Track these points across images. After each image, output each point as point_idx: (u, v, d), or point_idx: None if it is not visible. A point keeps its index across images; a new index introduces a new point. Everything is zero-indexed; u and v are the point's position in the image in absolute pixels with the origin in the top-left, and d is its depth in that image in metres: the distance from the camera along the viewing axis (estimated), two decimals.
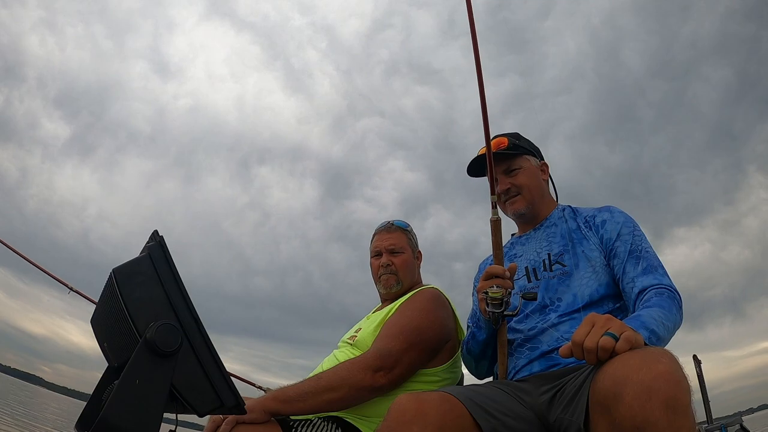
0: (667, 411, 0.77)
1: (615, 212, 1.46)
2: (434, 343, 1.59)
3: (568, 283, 1.38)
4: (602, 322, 0.93)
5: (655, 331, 1.07)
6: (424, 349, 1.56)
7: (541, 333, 1.34)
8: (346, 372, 1.46)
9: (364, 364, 1.47)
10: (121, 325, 0.89)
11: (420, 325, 1.58)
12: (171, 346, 0.85)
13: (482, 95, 1.25)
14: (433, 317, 1.62)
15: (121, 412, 0.81)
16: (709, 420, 6.72)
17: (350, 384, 1.44)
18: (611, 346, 0.89)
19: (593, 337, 0.91)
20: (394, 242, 1.84)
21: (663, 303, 1.20)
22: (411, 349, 1.52)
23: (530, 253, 1.51)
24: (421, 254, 1.94)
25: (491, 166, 1.30)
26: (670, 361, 0.83)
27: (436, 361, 1.62)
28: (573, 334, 0.95)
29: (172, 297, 0.91)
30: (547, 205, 1.59)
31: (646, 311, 1.15)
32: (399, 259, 1.81)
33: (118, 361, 0.95)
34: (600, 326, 0.93)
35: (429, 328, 1.59)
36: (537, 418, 1.12)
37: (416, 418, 0.99)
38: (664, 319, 1.13)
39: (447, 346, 1.64)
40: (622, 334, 0.90)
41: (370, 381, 1.45)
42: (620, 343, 0.89)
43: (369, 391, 1.47)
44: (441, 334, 1.62)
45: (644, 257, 1.35)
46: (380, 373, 1.46)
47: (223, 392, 0.92)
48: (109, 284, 0.94)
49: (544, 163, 1.63)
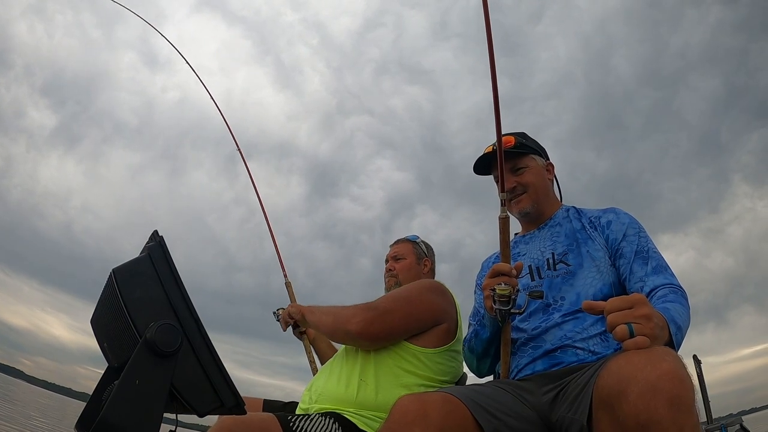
0: (672, 409, 0.77)
1: (620, 213, 1.47)
2: (422, 315, 1.66)
3: (571, 282, 1.38)
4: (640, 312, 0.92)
5: (681, 327, 1.08)
6: (410, 316, 1.63)
7: (544, 332, 1.34)
8: (343, 308, 1.64)
9: (354, 308, 1.62)
10: (121, 325, 0.89)
11: (410, 296, 1.69)
12: (171, 346, 0.85)
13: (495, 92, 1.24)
14: (426, 296, 1.70)
15: (121, 412, 0.80)
16: (709, 420, 6.73)
17: (336, 317, 1.64)
18: (622, 338, 0.90)
19: (619, 318, 0.91)
20: (398, 251, 2.09)
21: (681, 301, 1.21)
22: (396, 311, 1.62)
23: (534, 252, 1.51)
24: (430, 262, 2.10)
25: (501, 163, 1.30)
26: (674, 359, 0.83)
27: (427, 341, 1.64)
28: (610, 301, 0.95)
29: (172, 297, 0.91)
30: (551, 205, 1.59)
31: (672, 305, 1.14)
32: (400, 264, 2.04)
33: (118, 361, 0.95)
34: (634, 315, 0.92)
35: (419, 301, 1.67)
36: (539, 418, 1.11)
37: (418, 419, 0.98)
38: (685, 317, 1.14)
39: (439, 330, 1.67)
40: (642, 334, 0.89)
41: (346, 322, 1.58)
42: (628, 342, 0.89)
43: (343, 332, 1.61)
44: (431, 312, 1.67)
45: (652, 257, 1.36)
46: (357, 319, 1.57)
47: (223, 392, 0.92)
48: (109, 284, 0.93)
49: (549, 163, 1.63)
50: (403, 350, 1.62)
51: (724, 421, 6.68)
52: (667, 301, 1.18)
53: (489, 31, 1.25)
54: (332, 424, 1.45)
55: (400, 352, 1.62)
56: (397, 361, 1.61)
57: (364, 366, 1.62)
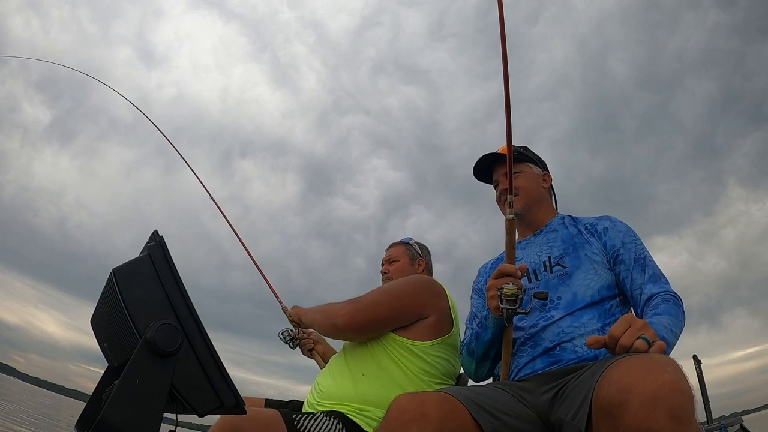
0: (672, 420, 0.78)
1: (616, 222, 1.53)
2: (406, 307, 1.68)
3: (568, 283, 1.41)
4: (639, 326, 1.01)
5: (665, 338, 1.13)
6: (395, 309, 1.66)
7: (543, 330, 1.36)
8: (331, 305, 1.72)
9: (342, 303, 1.68)
10: (121, 325, 0.90)
11: (396, 288, 1.73)
12: (171, 346, 0.86)
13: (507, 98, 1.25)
14: (414, 288, 1.73)
15: (121, 412, 0.81)
16: (709, 420, 6.73)
17: (324, 313, 1.72)
18: (645, 350, 0.96)
19: (630, 337, 0.99)
20: (392, 254, 2.17)
21: (671, 310, 1.27)
22: (381, 303, 1.66)
23: (531, 256, 1.54)
24: (424, 262, 2.15)
25: (510, 164, 1.32)
26: (675, 370, 0.84)
27: (418, 334, 1.65)
28: (611, 328, 1.03)
29: (172, 297, 0.91)
30: (546, 212, 1.64)
31: (657, 318, 1.21)
32: (394, 267, 2.12)
33: (118, 361, 0.95)
34: (637, 328, 1.00)
35: (405, 294, 1.70)
36: (539, 418, 1.12)
37: (416, 418, 0.98)
38: (673, 326, 1.20)
39: (426, 323, 1.68)
40: (654, 342, 0.98)
41: (333, 316, 1.65)
42: (653, 349, 0.96)
43: (332, 326, 1.68)
44: (416, 304, 1.69)
45: (649, 265, 1.42)
46: (343, 312, 1.63)
47: (223, 392, 0.92)
48: (109, 284, 0.94)
49: (546, 174, 1.69)
50: (398, 344, 1.64)
51: (724, 421, 6.68)
52: (656, 314, 1.25)
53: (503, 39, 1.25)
54: (336, 424, 1.46)
55: (395, 347, 1.63)
56: (394, 356, 1.62)
57: (363, 361, 1.63)
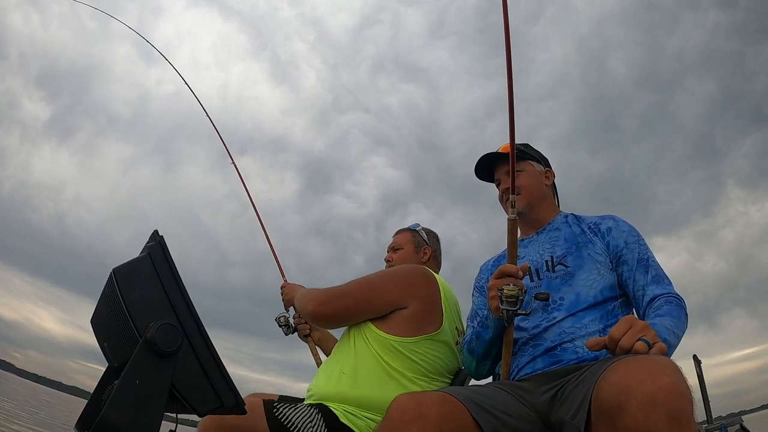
0: (671, 423, 0.78)
1: (619, 221, 1.51)
2: (379, 299, 1.62)
3: (570, 283, 1.40)
4: (640, 327, 1.00)
5: (667, 340, 1.12)
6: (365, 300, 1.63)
7: (545, 330, 1.36)
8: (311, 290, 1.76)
9: (318, 290, 1.72)
10: (121, 325, 0.90)
11: (374, 278, 1.70)
12: (171, 346, 0.86)
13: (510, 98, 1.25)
14: (391, 279, 1.69)
15: (121, 412, 0.81)
16: (709, 420, 6.71)
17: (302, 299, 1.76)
18: (645, 351, 0.95)
19: (630, 339, 0.98)
20: (397, 241, 2.08)
21: (673, 312, 1.26)
22: (353, 293, 1.65)
23: (533, 255, 1.52)
24: (430, 249, 2.05)
25: (513, 164, 1.32)
26: (674, 372, 0.84)
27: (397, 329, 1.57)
28: (611, 330, 1.02)
29: (172, 297, 0.92)
30: (548, 210, 1.61)
31: (658, 320, 1.20)
32: (397, 255, 2.04)
33: (118, 361, 0.95)
34: (637, 330, 1.00)
35: (380, 285, 1.67)
36: (538, 418, 1.12)
37: (415, 418, 0.98)
38: (675, 328, 1.19)
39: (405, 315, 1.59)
40: (655, 344, 0.97)
41: (306, 304, 1.70)
42: (653, 350, 0.95)
43: (304, 313, 1.76)
44: (391, 295, 1.61)
45: (652, 266, 1.41)
46: (313, 300, 1.67)
47: (223, 392, 0.93)
48: (109, 284, 0.94)
49: (549, 171, 1.66)
50: (379, 341, 1.57)
51: (724, 421, 6.66)
52: (657, 315, 1.24)
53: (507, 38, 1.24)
54: (316, 414, 1.45)
55: (377, 343, 1.57)
56: (377, 353, 1.56)
57: (345, 359, 1.60)
